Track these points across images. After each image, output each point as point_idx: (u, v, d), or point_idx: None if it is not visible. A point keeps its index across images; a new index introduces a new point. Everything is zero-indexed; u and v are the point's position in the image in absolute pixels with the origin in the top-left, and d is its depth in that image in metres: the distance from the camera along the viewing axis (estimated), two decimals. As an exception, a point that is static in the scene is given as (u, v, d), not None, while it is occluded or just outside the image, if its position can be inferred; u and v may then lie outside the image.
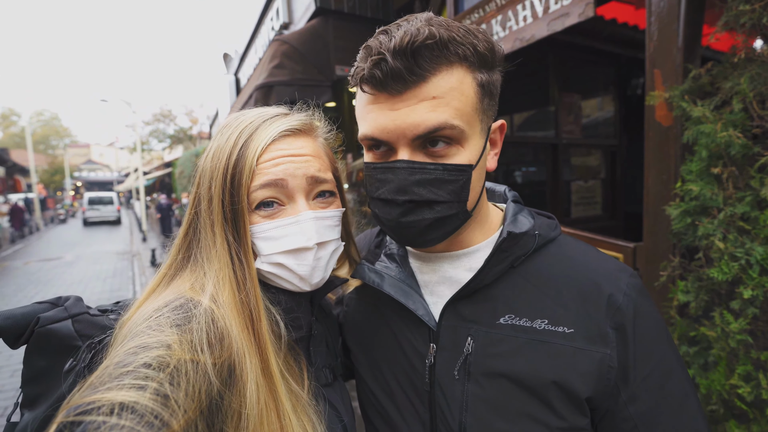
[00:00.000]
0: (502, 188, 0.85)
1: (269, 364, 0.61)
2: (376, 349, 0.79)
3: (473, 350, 0.66)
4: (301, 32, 3.90)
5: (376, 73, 0.59)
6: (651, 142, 1.60)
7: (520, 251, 0.68)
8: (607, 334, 0.63)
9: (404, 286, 0.74)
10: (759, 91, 1.23)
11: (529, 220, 0.72)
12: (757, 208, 1.24)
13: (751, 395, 1.24)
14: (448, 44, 0.58)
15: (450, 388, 0.67)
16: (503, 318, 0.67)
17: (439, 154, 0.62)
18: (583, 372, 0.62)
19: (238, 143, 0.66)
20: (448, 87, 0.59)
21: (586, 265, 0.69)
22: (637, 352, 0.63)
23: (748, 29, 1.27)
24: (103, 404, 0.43)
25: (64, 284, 8.68)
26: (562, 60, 4.14)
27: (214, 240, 0.65)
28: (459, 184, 0.63)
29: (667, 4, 1.52)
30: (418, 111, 0.59)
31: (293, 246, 0.66)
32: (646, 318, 0.65)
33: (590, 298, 0.65)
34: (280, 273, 0.68)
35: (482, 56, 0.61)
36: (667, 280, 1.52)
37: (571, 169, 4.35)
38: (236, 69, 8.14)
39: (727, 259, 1.27)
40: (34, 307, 0.62)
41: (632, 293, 0.66)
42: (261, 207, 0.66)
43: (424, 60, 0.58)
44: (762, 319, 1.25)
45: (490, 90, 0.64)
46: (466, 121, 0.61)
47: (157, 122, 28.62)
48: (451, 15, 3.00)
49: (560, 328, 0.64)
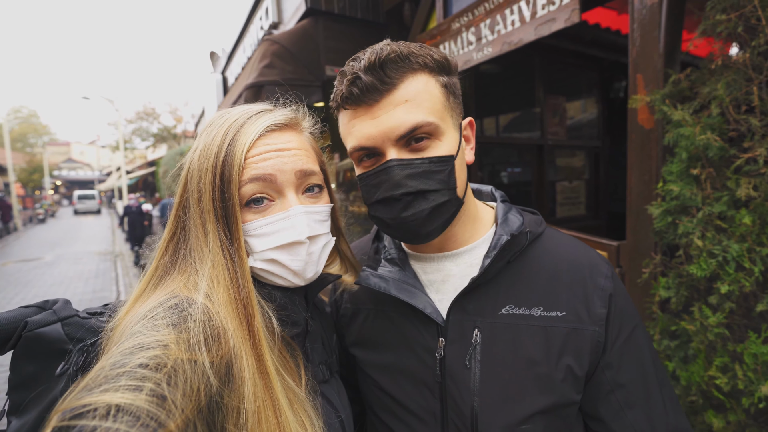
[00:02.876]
0: (488, 188, 0.92)
1: (264, 360, 0.61)
2: (383, 349, 0.82)
3: (481, 340, 0.73)
4: (292, 32, 3.90)
5: (353, 90, 0.68)
6: (633, 144, 1.67)
7: (516, 248, 0.76)
8: (597, 314, 0.72)
9: (409, 288, 0.78)
10: (734, 97, 1.30)
11: (519, 218, 0.80)
12: (733, 208, 1.31)
13: (728, 386, 1.31)
14: (409, 56, 0.68)
15: (461, 377, 0.72)
16: (504, 309, 0.74)
17: (422, 149, 0.69)
18: (579, 349, 0.70)
19: (225, 140, 0.65)
20: (416, 90, 0.68)
21: (571, 255, 0.78)
22: (615, 326, 0.72)
23: (724, 37, 1.33)
24: (98, 406, 0.42)
25: (44, 285, 8.42)
26: (548, 63, 4.23)
27: (207, 238, 0.64)
28: (445, 173, 0.70)
29: (649, 12, 1.58)
30: (395, 114, 0.67)
31: (286, 241, 0.66)
32: (621, 296, 0.76)
33: (578, 283, 0.74)
34: (274, 269, 0.68)
35: (440, 63, 0.71)
36: (649, 277, 1.58)
37: (555, 170, 4.44)
38: (223, 68, 8.04)
39: (705, 256, 1.34)
40: (20, 311, 0.61)
41: (612, 276, 0.76)
42: (251, 204, 0.66)
43: (392, 71, 0.67)
44: (738, 313, 1.32)
45: (453, 90, 0.73)
46: (439, 117, 0.69)
47: (140, 120, 27.99)
48: (440, 19, 3.04)
49: (554, 312, 0.72)
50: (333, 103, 0.74)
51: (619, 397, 0.71)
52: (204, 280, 0.62)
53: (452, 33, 2.75)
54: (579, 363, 0.70)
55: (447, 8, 3.02)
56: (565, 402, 0.70)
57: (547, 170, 4.26)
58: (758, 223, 1.23)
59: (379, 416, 0.83)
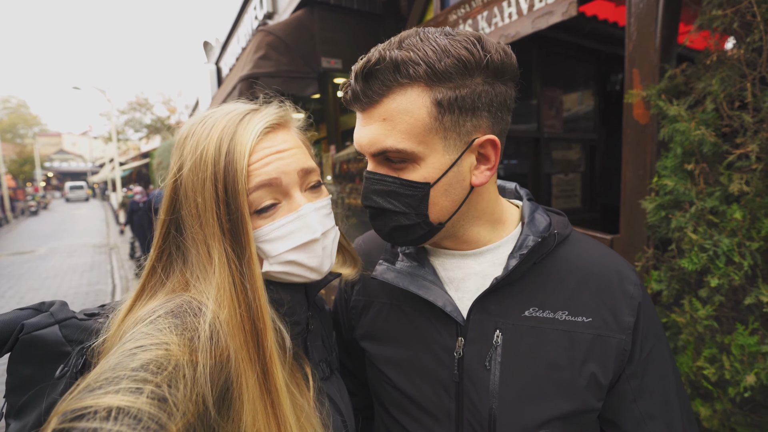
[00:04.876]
0: (512, 185, 0.89)
1: (275, 379, 0.59)
2: (397, 344, 0.80)
3: (502, 342, 0.71)
4: (287, 23, 3.85)
5: (347, 93, 0.68)
6: (629, 138, 1.68)
7: (543, 250, 0.73)
8: (625, 322, 0.70)
9: (428, 284, 0.76)
10: (728, 92, 1.31)
11: (546, 218, 0.76)
12: (725, 203, 1.33)
13: (715, 376, 1.34)
14: (399, 66, 0.61)
15: (480, 378, 0.71)
16: (528, 311, 0.72)
17: (399, 168, 0.68)
18: (604, 356, 0.69)
19: (221, 150, 0.62)
20: (397, 110, 0.63)
21: (599, 261, 0.76)
22: (642, 335, 0.71)
23: (720, 33, 1.34)
24: (99, 408, 0.42)
25: (38, 278, 8.39)
26: (545, 55, 4.22)
27: (210, 255, 0.61)
28: (416, 198, 0.67)
29: (646, 6, 1.58)
30: (372, 131, 0.66)
31: (302, 240, 0.66)
32: (649, 305, 0.74)
33: (606, 289, 0.72)
34: (292, 270, 0.68)
35: (443, 73, 0.60)
36: (642, 270, 1.61)
37: (552, 163, 4.45)
38: (217, 58, 7.94)
39: (696, 250, 1.36)
40: (16, 313, 0.60)
41: (640, 284, 0.74)
42: (260, 210, 0.64)
43: (376, 84, 0.63)
44: (727, 305, 1.35)
45: (457, 105, 0.62)
46: (417, 142, 0.63)
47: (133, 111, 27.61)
48: (437, 10, 3.01)
49: (580, 317, 0.70)
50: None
51: (641, 406, 0.71)
52: (210, 299, 0.59)
53: (449, 25, 2.73)
54: (604, 371, 0.69)
55: (444, 0, 3.00)
56: (586, 409, 0.69)
57: (543, 163, 4.28)
58: (749, 218, 1.25)
59: (389, 411, 0.82)
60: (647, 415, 0.71)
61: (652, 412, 0.71)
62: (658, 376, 0.72)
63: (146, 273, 0.66)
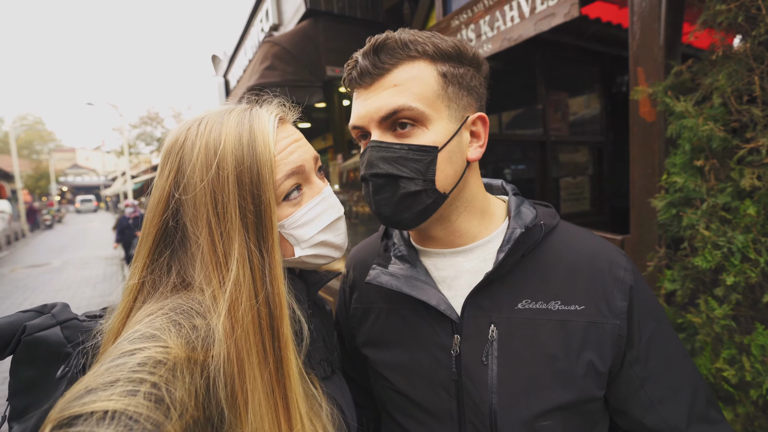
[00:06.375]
0: (498, 182, 0.90)
1: (289, 368, 0.58)
2: (396, 347, 0.80)
3: (498, 336, 0.71)
4: (292, 34, 3.91)
5: (353, 73, 0.71)
6: (636, 137, 1.66)
7: (530, 241, 0.74)
8: (617, 307, 0.70)
9: (421, 285, 0.76)
10: (736, 87, 1.29)
11: (532, 210, 0.78)
12: (738, 198, 1.30)
13: (736, 378, 1.30)
14: (408, 43, 0.68)
15: (478, 374, 0.71)
16: (520, 303, 0.72)
17: (406, 135, 0.69)
18: (600, 343, 0.69)
19: (242, 143, 0.61)
20: (408, 76, 0.68)
21: (589, 249, 0.76)
22: (640, 319, 0.70)
23: (725, 28, 1.32)
24: (95, 410, 0.41)
25: (52, 290, 8.55)
26: (549, 59, 4.21)
27: (227, 252, 0.59)
28: (424, 163, 0.68)
29: (649, 5, 1.57)
30: (381, 97, 0.68)
31: (330, 219, 0.71)
32: (643, 289, 0.74)
33: (597, 276, 0.72)
34: (322, 251, 0.71)
35: (444, 52, 0.69)
36: (654, 270, 1.58)
37: (559, 166, 4.42)
38: (225, 71, 8.08)
39: (710, 247, 1.33)
40: (18, 315, 0.60)
41: (631, 268, 0.74)
42: (288, 198, 0.67)
43: (386, 56, 0.68)
44: (744, 304, 1.31)
45: (457, 80, 0.70)
46: (427, 105, 0.68)
47: (144, 125, 28.23)
48: (440, 16, 3.04)
49: (573, 306, 0.70)
50: (344, 86, 0.78)
51: (648, 391, 0.70)
52: (221, 297, 0.57)
53: (452, 31, 2.74)
54: (601, 358, 0.68)
55: (446, 6, 3.02)
56: (586, 398, 0.68)
57: (551, 166, 4.24)
58: (763, 213, 1.22)
59: (394, 417, 0.81)
60: (656, 399, 0.70)
61: (661, 395, 0.70)
62: (664, 359, 0.71)
63: (141, 273, 0.63)
